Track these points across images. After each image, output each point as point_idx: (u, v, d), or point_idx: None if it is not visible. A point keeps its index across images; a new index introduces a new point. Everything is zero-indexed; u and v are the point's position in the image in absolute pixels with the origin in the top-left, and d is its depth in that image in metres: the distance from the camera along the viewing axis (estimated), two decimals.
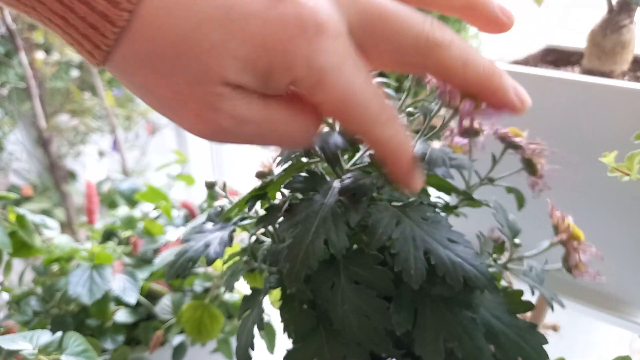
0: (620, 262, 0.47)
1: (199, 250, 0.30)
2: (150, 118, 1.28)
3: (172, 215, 0.74)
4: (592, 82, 0.44)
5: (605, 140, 0.44)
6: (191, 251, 0.31)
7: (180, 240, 0.67)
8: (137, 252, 0.67)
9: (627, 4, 0.45)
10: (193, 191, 1.03)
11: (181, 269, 0.30)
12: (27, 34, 0.96)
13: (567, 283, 0.51)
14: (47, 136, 1.02)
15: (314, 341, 0.29)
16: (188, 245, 0.31)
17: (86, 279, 0.55)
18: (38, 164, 1.29)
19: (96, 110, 1.16)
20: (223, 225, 0.33)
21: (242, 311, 0.32)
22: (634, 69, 0.49)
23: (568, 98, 0.45)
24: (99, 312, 0.58)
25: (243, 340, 0.30)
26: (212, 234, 0.32)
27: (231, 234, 0.31)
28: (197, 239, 0.32)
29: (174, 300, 0.62)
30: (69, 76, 1.19)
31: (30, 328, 0.57)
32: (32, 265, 0.64)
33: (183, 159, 0.92)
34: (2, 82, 1.10)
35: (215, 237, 0.31)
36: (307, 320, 0.29)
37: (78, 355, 0.38)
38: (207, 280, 0.65)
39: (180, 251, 0.31)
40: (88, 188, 0.71)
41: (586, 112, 0.45)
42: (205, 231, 0.33)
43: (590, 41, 0.48)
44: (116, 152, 1.13)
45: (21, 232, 0.56)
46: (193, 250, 0.31)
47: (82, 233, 1.03)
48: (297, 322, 0.29)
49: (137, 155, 1.27)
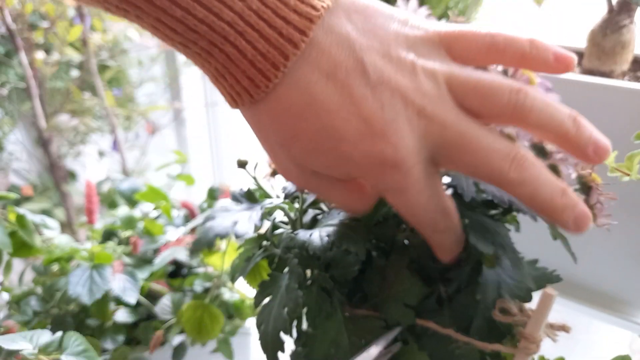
0: (620, 262, 0.47)
1: (228, 226, 0.30)
2: (150, 118, 1.28)
3: (172, 215, 0.74)
4: (592, 82, 0.44)
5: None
6: (220, 227, 0.30)
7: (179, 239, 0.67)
8: (137, 252, 0.67)
9: (627, 4, 0.45)
10: (193, 191, 1.03)
11: (208, 243, 0.30)
12: (27, 34, 0.96)
13: (567, 283, 0.51)
14: (47, 136, 1.02)
15: (332, 327, 0.29)
16: (215, 222, 0.31)
17: (86, 279, 0.55)
18: (38, 164, 1.29)
19: (96, 110, 1.16)
20: (250, 206, 0.33)
21: (260, 297, 0.32)
22: (634, 69, 0.49)
23: (568, 98, 0.45)
24: (99, 312, 0.58)
25: (271, 326, 0.30)
26: (239, 212, 0.32)
27: (263, 214, 0.31)
28: (223, 216, 0.32)
29: (174, 300, 0.62)
30: (69, 76, 1.19)
31: (30, 328, 0.57)
32: (32, 265, 0.64)
33: (183, 159, 0.92)
34: (2, 82, 1.10)
35: (243, 215, 0.31)
36: (325, 305, 0.29)
37: (78, 355, 0.38)
38: (207, 280, 0.65)
39: (207, 227, 0.31)
40: (88, 188, 0.71)
41: (586, 112, 0.45)
42: (231, 210, 0.32)
43: (590, 41, 0.48)
44: (116, 152, 1.13)
45: (21, 232, 0.56)
46: (221, 226, 0.30)
47: (82, 233, 1.03)
48: (315, 308, 0.29)
49: (137, 155, 1.27)
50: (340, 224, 0.31)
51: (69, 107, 1.12)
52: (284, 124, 0.25)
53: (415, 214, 0.26)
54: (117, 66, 1.19)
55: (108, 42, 1.13)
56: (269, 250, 0.34)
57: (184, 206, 0.80)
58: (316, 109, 0.24)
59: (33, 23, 1.01)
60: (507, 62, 0.27)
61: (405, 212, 0.27)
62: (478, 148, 0.24)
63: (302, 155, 0.26)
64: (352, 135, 0.24)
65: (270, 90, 0.24)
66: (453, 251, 0.28)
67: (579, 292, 0.50)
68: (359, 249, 0.28)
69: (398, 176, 0.25)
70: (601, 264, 0.48)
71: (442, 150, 0.25)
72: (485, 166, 0.25)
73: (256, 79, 0.24)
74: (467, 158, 0.25)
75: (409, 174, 0.25)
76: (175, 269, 0.70)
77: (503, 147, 0.24)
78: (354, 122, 0.24)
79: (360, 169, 0.25)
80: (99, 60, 1.13)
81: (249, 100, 0.25)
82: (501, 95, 0.25)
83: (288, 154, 0.27)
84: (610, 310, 0.48)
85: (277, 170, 0.29)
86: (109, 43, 1.14)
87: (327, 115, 0.24)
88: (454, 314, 0.30)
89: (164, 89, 1.31)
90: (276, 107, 0.25)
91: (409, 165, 0.24)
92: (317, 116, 0.24)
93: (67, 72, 1.18)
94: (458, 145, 0.24)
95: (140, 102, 1.29)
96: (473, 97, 0.25)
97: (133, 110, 1.21)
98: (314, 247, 0.28)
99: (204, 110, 1.33)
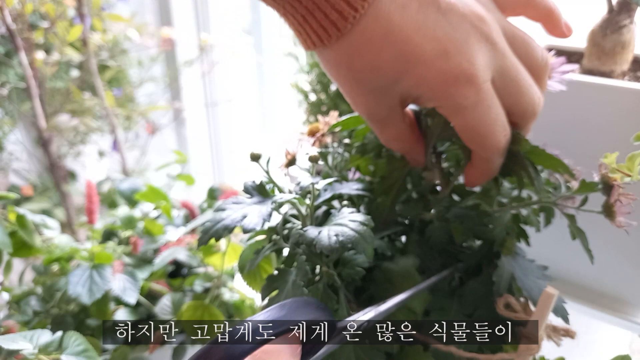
0: (620, 262, 0.47)
1: (236, 219, 0.30)
2: (150, 118, 1.28)
3: (172, 215, 0.74)
4: (592, 82, 0.44)
5: (606, 140, 0.44)
6: (228, 219, 0.30)
7: (179, 239, 0.67)
8: (137, 252, 0.67)
9: (627, 4, 0.45)
10: (193, 191, 1.03)
11: (217, 234, 0.30)
12: (27, 34, 0.96)
13: (567, 283, 0.51)
14: (47, 136, 1.02)
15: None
16: (224, 214, 0.31)
17: (86, 278, 0.55)
18: (38, 164, 1.29)
19: (96, 110, 1.16)
20: (261, 200, 0.33)
21: (267, 291, 0.32)
22: (634, 69, 0.49)
23: (568, 98, 0.45)
24: (99, 311, 0.58)
25: None
26: (249, 206, 0.31)
27: (273, 209, 0.31)
28: (234, 208, 0.31)
29: (174, 300, 0.62)
30: (69, 76, 1.19)
31: (30, 328, 0.57)
32: (32, 265, 0.64)
33: (183, 159, 0.92)
34: (2, 82, 1.10)
35: (253, 209, 0.31)
36: (332, 303, 0.30)
37: (78, 355, 0.38)
38: (207, 281, 0.65)
39: (216, 218, 0.30)
40: (88, 188, 0.71)
41: (586, 112, 0.45)
42: (242, 202, 0.32)
43: (590, 41, 0.48)
44: (116, 152, 1.13)
45: (21, 232, 0.56)
46: (230, 219, 0.30)
47: (82, 233, 1.03)
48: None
49: (137, 155, 1.27)
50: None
51: (69, 107, 1.12)
52: (366, 56, 0.27)
53: (485, 132, 0.29)
54: (117, 66, 1.19)
55: (108, 42, 1.13)
56: (279, 244, 0.34)
57: (184, 206, 0.80)
58: (394, 37, 0.26)
59: (33, 23, 1.01)
60: (535, 17, 0.33)
61: (475, 130, 0.29)
62: (525, 83, 0.29)
63: (380, 86, 0.28)
64: (428, 56, 0.27)
65: (356, 23, 0.26)
66: (490, 177, 0.32)
67: (579, 292, 0.50)
68: (366, 252, 0.28)
69: (471, 91, 0.27)
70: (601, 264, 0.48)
71: (498, 76, 0.28)
72: (525, 98, 0.29)
73: (344, 12, 0.26)
74: (514, 89, 0.29)
75: (481, 89, 0.27)
76: (175, 269, 0.70)
77: (536, 90, 0.30)
78: (429, 44, 0.26)
79: (433, 91, 0.28)
80: (99, 60, 1.13)
81: (335, 34, 0.27)
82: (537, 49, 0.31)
83: (367, 86, 0.29)
84: (610, 310, 0.48)
85: (355, 109, 0.31)
86: (109, 43, 1.14)
87: (404, 42, 0.26)
88: (463, 300, 0.31)
89: (164, 89, 1.31)
90: (359, 40, 0.27)
91: (482, 79, 0.27)
92: (394, 43, 0.26)
93: (67, 72, 1.18)
94: (512, 75, 0.28)
95: (140, 102, 1.29)
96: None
97: (133, 110, 1.21)
98: (321, 246, 0.28)
99: (204, 110, 1.33)
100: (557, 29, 0.33)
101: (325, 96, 0.82)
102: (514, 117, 0.30)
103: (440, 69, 0.27)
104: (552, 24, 0.33)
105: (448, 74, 0.27)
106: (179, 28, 1.25)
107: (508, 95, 0.29)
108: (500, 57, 0.28)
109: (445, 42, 0.27)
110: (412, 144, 0.33)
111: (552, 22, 0.33)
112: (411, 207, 0.36)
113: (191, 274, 0.68)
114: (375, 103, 0.30)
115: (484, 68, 0.27)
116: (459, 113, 0.28)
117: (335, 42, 0.28)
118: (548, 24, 0.33)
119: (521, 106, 0.30)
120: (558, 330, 0.29)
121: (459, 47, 0.27)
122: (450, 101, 0.28)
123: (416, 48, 0.27)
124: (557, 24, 0.33)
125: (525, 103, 0.30)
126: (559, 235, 0.44)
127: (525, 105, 0.30)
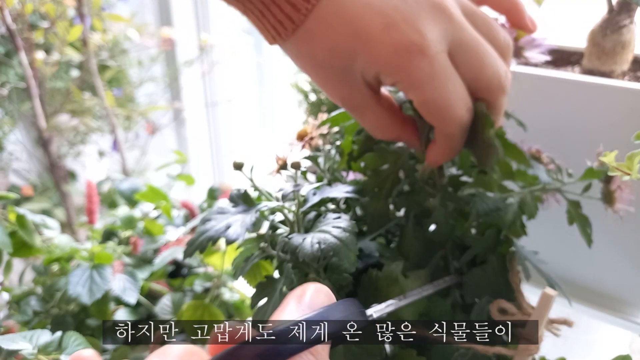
0: (620, 262, 0.47)
1: (220, 230, 0.30)
2: (150, 118, 1.28)
3: (172, 215, 0.74)
4: (592, 82, 0.44)
5: (606, 140, 0.44)
6: (212, 230, 0.30)
7: (179, 239, 0.67)
8: (137, 252, 0.67)
9: (627, 4, 0.45)
10: (193, 191, 1.03)
11: (201, 246, 0.30)
12: (27, 34, 0.96)
13: (567, 283, 0.51)
14: (47, 136, 1.02)
15: None
16: (209, 225, 0.31)
17: (86, 278, 0.55)
18: (38, 164, 1.29)
19: (96, 110, 1.16)
20: (245, 209, 0.33)
21: (256, 299, 0.32)
22: (634, 69, 0.49)
23: (568, 98, 0.45)
24: (99, 311, 0.58)
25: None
26: (233, 216, 0.32)
27: (257, 219, 0.31)
28: (218, 219, 0.31)
29: (174, 300, 0.62)
30: (69, 76, 1.19)
31: (30, 328, 0.57)
32: (32, 265, 0.64)
33: (183, 159, 0.92)
34: (2, 82, 1.10)
35: (236, 219, 0.31)
36: None
37: None
38: (207, 280, 0.65)
39: (201, 230, 0.31)
40: (88, 188, 0.71)
41: (586, 112, 0.45)
42: (226, 212, 0.32)
43: (590, 41, 0.48)
44: (116, 152, 1.13)
45: (21, 232, 0.56)
46: (214, 229, 0.30)
47: (82, 233, 1.03)
48: None
49: (137, 155, 1.27)
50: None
51: (69, 107, 1.12)
52: (324, 40, 0.28)
53: (444, 105, 0.28)
54: (117, 66, 1.19)
55: (108, 42, 1.13)
56: (267, 252, 0.34)
57: (184, 206, 0.80)
58: (346, 16, 0.27)
59: (33, 23, 1.01)
60: (499, 9, 0.33)
61: (434, 103, 0.28)
62: (487, 55, 0.29)
63: (342, 67, 0.29)
64: (376, 30, 0.27)
65: (309, 12, 0.27)
66: (453, 155, 0.31)
67: (579, 292, 0.50)
68: (348, 259, 0.28)
69: (424, 61, 0.27)
70: (601, 264, 0.48)
71: (456, 49, 0.28)
72: (489, 70, 0.29)
73: (297, 4, 0.27)
74: (475, 61, 0.28)
75: (435, 60, 0.27)
76: (175, 269, 0.70)
77: (502, 63, 0.30)
78: (377, 17, 0.27)
79: (388, 64, 0.27)
80: (99, 60, 1.13)
81: (291, 27, 0.28)
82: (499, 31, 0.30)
83: (331, 70, 0.29)
84: (610, 310, 0.48)
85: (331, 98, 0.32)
86: (109, 43, 1.14)
87: (355, 18, 0.27)
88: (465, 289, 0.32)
89: (164, 89, 1.31)
90: (315, 26, 0.28)
91: (435, 50, 0.27)
92: (347, 23, 0.27)
93: (67, 72, 1.18)
94: (471, 47, 0.28)
95: (140, 102, 1.29)
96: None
97: (133, 110, 1.21)
98: (304, 254, 0.27)
99: (204, 110, 1.33)
100: (520, 21, 0.33)
101: (325, 96, 0.82)
102: (480, 92, 0.30)
103: (390, 41, 0.27)
104: (515, 16, 0.33)
105: (398, 45, 0.27)
106: (179, 28, 1.25)
107: (470, 68, 0.29)
108: (457, 29, 0.28)
109: (393, 14, 0.27)
110: (396, 129, 0.32)
111: (515, 14, 0.33)
112: (412, 197, 0.36)
113: (191, 273, 0.68)
114: (343, 87, 0.30)
115: (436, 38, 0.27)
116: (415, 86, 0.28)
117: (292, 34, 0.28)
118: (512, 15, 0.33)
119: (485, 79, 0.29)
120: (556, 321, 0.29)
121: (406, 17, 0.27)
122: (404, 74, 0.27)
123: (365, 24, 0.27)
124: (520, 16, 0.33)
125: (489, 76, 0.29)
126: (559, 235, 0.44)
127: (490, 78, 0.29)
